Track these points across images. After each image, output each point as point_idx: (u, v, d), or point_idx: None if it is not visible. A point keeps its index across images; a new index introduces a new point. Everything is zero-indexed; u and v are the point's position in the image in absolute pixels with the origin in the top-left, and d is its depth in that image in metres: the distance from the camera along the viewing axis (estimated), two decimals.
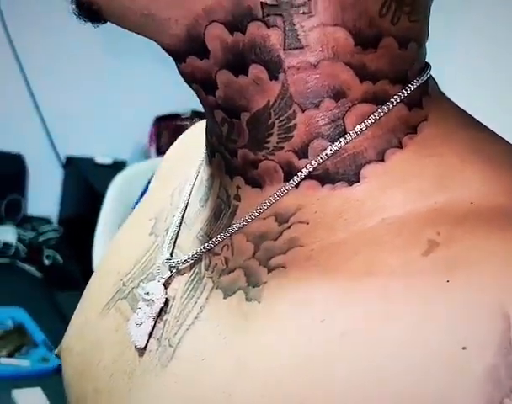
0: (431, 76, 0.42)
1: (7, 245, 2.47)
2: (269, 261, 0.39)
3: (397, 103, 0.38)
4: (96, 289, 0.54)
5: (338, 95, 0.37)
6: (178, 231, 0.47)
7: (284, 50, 0.36)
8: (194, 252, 0.43)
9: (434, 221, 0.35)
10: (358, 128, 0.37)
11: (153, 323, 0.44)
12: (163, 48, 0.39)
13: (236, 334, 0.38)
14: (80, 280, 2.39)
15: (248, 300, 0.39)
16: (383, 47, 0.37)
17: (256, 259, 0.40)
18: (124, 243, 0.55)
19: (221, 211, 0.43)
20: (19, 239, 2.52)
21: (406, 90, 0.38)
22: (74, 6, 0.39)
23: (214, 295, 0.41)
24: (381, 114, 0.37)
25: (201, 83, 0.39)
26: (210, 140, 0.43)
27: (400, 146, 0.38)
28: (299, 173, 0.38)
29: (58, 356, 0.56)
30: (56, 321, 2.09)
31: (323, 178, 0.38)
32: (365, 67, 0.37)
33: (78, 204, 2.76)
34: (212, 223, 0.44)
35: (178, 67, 0.40)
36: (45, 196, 2.75)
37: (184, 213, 0.48)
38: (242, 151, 0.40)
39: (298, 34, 0.36)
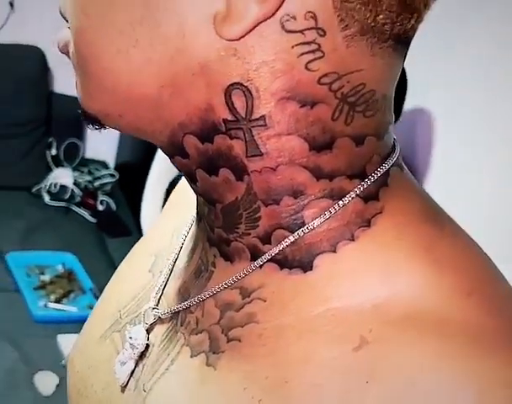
0: (398, 158, 0.44)
1: (63, 188, 2.55)
2: (229, 331, 0.44)
3: (353, 198, 0.42)
4: (99, 314, 0.59)
5: (296, 193, 0.41)
6: (168, 279, 0.52)
7: (246, 157, 0.40)
8: (175, 307, 0.48)
9: (370, 318, 0.39)
10: (315, 222, 0.41)
11: (134, 365, 0.48)
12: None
13: (194, 395, 0.44)
14: (132, 228, 2.48)
15: (207, 364, 0.44)
16: (338, 147, 0.40)
17: (220, 326, 0.45)
18: (127, 273, 0.59)
19: (201, 272, 0.48)
20: (75, 183, 2.60)
21: (362, 185, 0.42)
22: (82, 116, 0.45)
23: (184, 351, 0.46)
24: (337, 208, 0.41)
25: (186, 176, 0.45)
26: (197, 210, 0.48)
27: (352, 239, 0.42)
28: (263, 256, 0.43)
29: (65, 366, 0.61)
30: (105, 269, 2.18)
31: (283, 262, 0.43)
32: (320, 168, 0.40)
33: (135, 149, 2.83)
34: (193, 280, 0.49)
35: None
36: (103, 140, 2.82)
37: (175, 261, 0.53)
38: (218, 230, 0.45)
39: (257, 144, 0.40)
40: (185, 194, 0.62)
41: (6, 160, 2.52)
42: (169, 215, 0.62)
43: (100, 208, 2.57)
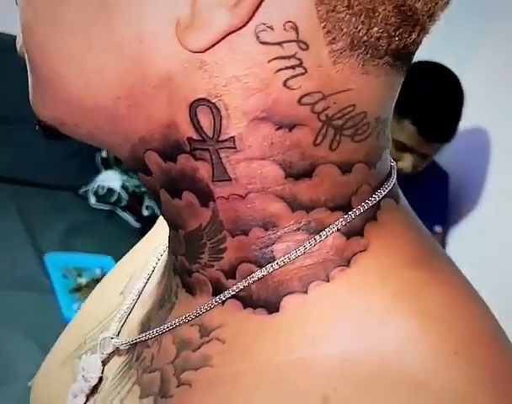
0: (393, 188, 0.38)
1: (110, 191, 2.54)
2: (182, 373, 0.39)
3: (333, 233, 0.36)
4: (67, 335, 0.55)
5: (267, 225, 0.36)
6: (134, 305, 0.48)
7: (212, 181, 0.36)
8: (133, 338, 0.43)
9: (336, 373, 0.34)
10: (286, 258, 0.36)
11: (85, 399, 0.44)
12: None
13: None
14: None
15: None
16: (319, 175, 0.36)
17: (173, 366, 0.39)
18: (102, 292, 0.55)
19: (164, 302, 0.43)
20: (123, 186, 2.58)
21: (345, 218, 0.36)
22: (37, 126, 0.40)
23: (134, 389, 0.41)
24: (313, 244, 0.36)
25: (152, 194, 0.40)
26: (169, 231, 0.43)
27: (327, 279, 0.36)
28: (226, 292, 0.38)
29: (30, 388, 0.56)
30: None
31: (247, 300, 0.37)
32: (296, 198, 0.36)
33: None
34: (155, 311, 0.44)
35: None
36: None
37: (145, 286, 0.48)
38: (181, 258, 0.40)
39: (225, 168, 0.35)
40: None
41: (54, 159, 2.51)
42: (156, 232, 0.57)
43: (145, 213, 2.54)
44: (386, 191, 0.38)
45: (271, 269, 0.36)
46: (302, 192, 0.35)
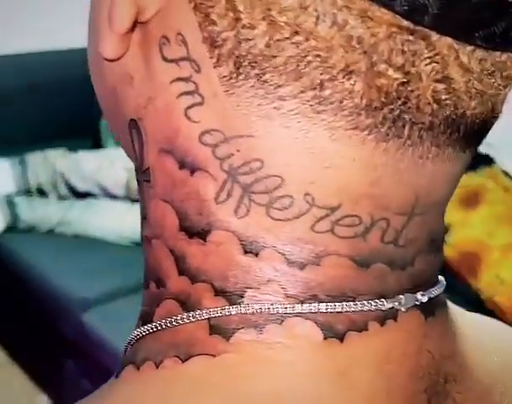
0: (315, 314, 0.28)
1: None
2: None
3: (202, 319, 0.28)
4: None
5: (158, 282, 0.30)
6: None
7: (142, 218, 0.31)
8: None
9: None
10: (150, 326, 0.30)
11: None
12: None
13: None
14: None
15: None
16: (214, 242, 0.28)
17: None
18: None
19: None
20: None
21: (223, 310, 0.28)
22: None
23: None
24: (175, 323, 0.29)
25: None
26: None
27: (156, 367, 0.29)
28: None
29: None
30: None
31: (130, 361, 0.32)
32: (186, 260, 0.28)
33: None
34: None
35: None
36: None
37: None
38: None
39: (145, 203, 0.30)
40: None
41: None
42: None
43: None
44: (301, 309, 0.28)
45: (144, 333, 0.30)
46: (193, 255, 0.28)
